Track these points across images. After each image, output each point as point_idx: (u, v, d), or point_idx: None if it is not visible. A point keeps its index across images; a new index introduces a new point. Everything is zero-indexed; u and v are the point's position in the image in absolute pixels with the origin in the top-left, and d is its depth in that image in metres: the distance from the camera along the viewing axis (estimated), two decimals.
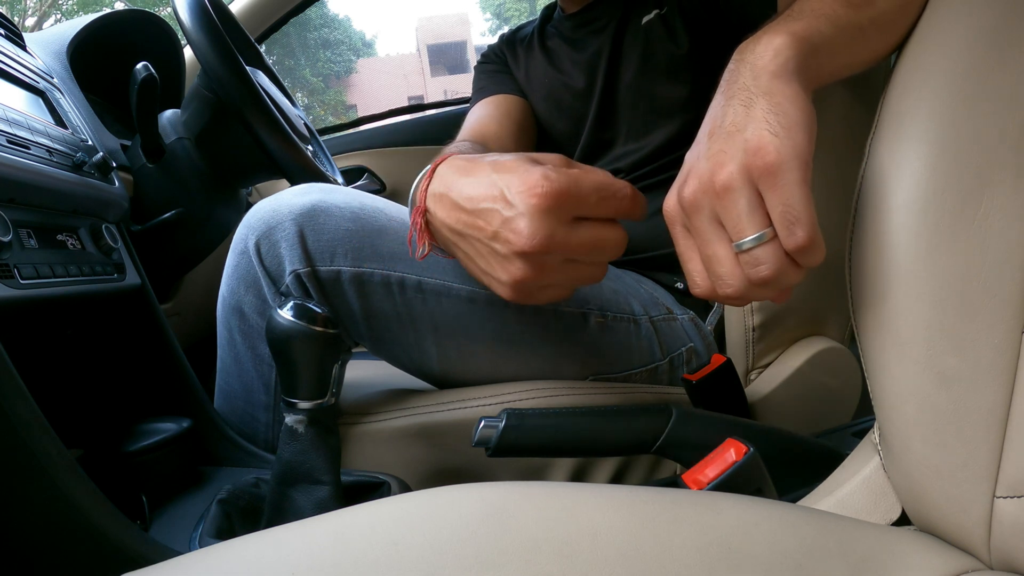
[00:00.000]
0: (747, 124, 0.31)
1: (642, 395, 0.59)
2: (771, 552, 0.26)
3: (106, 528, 0.43)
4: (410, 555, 0.24)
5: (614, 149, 0.73)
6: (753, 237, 0.30)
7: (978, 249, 0.29)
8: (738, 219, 0.31)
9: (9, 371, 0.42)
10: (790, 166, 0.29)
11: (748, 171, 0.30)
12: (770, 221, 0.30)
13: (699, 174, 0.33)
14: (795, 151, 0.30)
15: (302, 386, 0.46)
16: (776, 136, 0.30)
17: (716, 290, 0.34)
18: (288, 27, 1.31)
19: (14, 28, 0.74)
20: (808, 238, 0.29)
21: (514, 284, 0.39)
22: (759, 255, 0.30)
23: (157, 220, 0.78)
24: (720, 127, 0.33)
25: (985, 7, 0.32)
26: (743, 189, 0.31)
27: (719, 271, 0.33)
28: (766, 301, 0.53)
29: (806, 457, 0.49)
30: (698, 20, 0.67)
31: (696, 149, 0.35)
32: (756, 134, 0.31)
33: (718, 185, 0.31)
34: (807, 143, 0.30)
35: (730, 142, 0.32)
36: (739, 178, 0.31)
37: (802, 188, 0.29)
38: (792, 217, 0.29)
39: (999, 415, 0.29)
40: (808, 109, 0.31)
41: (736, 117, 0.32)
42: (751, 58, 0.34)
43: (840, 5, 0.37)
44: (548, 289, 0.41)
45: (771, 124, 0.30)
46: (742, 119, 0.32)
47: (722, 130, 0.33)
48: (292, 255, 0.52)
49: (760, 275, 0.31)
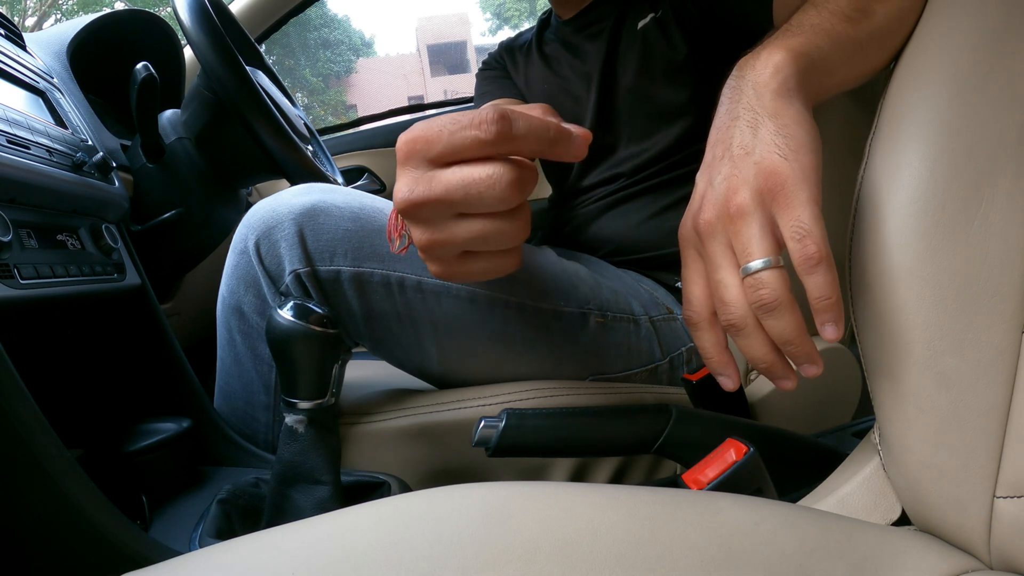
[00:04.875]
0: (755, 147, 0.32)
1: (642, 395, 0.59)
2: (771, 552, 0.26)
3: (106, 528, 0.43)
4: (410, 555, 0.24)
5: (615, 153, 0.73)
6: (760, 261, 0.31)
7: (978, 249, 0.29)
8: (748, 242, 0.31)
9: (9, 371, 0.42)
10: (800, 187, 0.30)
11: (761, 195, 0.31)
12: (779, 249, 0.31)
13: (714, 200, 0.33)
14: (804, 173, 0.30)
15: (302, 386, 0.46)
16: (785, 159, 0.31)
17: (719, 315, 0.34)
18: (288, 27, 1.31)
19: (14, 28, 0.74)
20: (818, 250, 0.29)
21: (423, 253, 0.35)
22: (763, 278, 0.31)
23: (157, 220, 0.78)
24: (729, 150, 0.33)
25: (984, 8, 0.32)
26: (756, 213, 0.31)
27: (724, 296, 0.33)
28: None
29: (806, 457, 0.49)
30: (694, 24, 0.67)
31: (707, 173, 0.35)
32: (766, 157, 0.31)
33: (732, 209, 0.32)
34: (815, 164, 0.31)
35: (741, 166, 0.32)
36: (752, 202, 0.31)
37: (812, 207, 0.30)
38: (803, 231, 0.30)
39: (999, 415, 0.29)
40: (813, 129, 0.32)
41: (744, 139, 0.33)
42: (752, 75, 0.34)
43: (838, 20, 0.37)
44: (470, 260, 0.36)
45: (779, 147, 0.31)
46: (750, 141, 0.32)
47: (731, 153, 0.33)
48: (292, 255, 0.52)
49: (762, 298, 0.31)
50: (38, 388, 0.44)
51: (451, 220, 0.33)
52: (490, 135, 0.30)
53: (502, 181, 0.31)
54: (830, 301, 0.30)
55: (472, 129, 0.31)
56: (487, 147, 0.31)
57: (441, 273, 0.36)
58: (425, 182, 0.32)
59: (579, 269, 0.61)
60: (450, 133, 0.31)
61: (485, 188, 0.31)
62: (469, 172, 0.31)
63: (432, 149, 0.32)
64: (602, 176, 0.74)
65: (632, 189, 0.72)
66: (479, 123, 0.31)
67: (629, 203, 0.72)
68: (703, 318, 0.36)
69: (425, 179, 0.32)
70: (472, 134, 0.31)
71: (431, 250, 0.35)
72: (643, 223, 0.71)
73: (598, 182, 0.74)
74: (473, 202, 0.32)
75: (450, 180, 0.32)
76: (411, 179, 0.32)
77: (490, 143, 0.31)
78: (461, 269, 0.36)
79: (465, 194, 0.31)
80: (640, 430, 0.45)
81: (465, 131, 0.31)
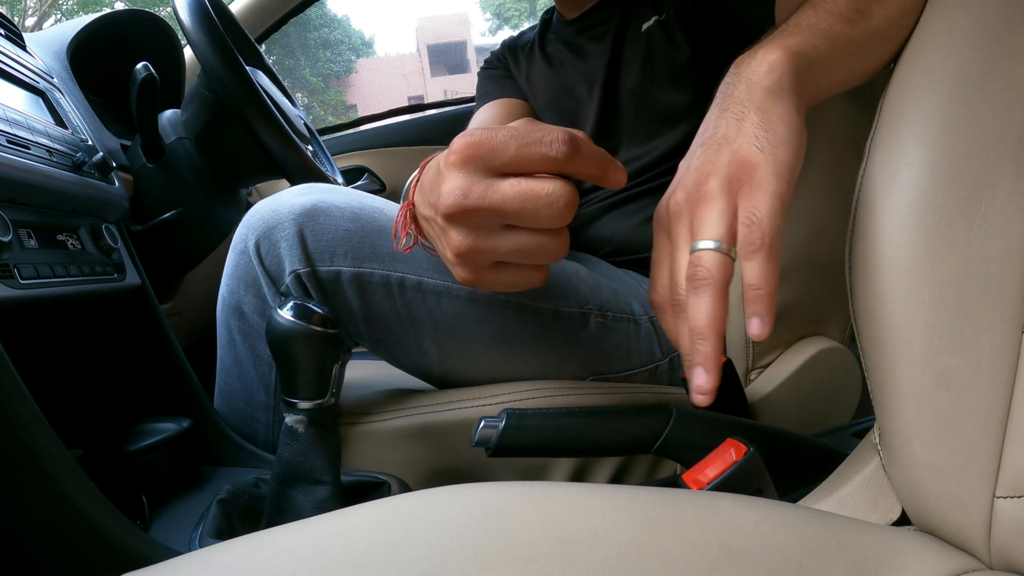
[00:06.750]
0: (736, 137, 0.32)
1: (642, 395, 0.59)
2: (771, 552, 0.26)
3: (106, 528, 0.43)
4: (410, 555, 0.24)
5: (617, 155, 0.73)
6: (709, 242, 0.31)
7: (978, 249, 0.29)
8: (703, 222, 0.31)
9: (9, 371, 0.42)
10: (769, 180, 0.30)
11: (730, 182, 0.31)
12: (733, 238, 0.31)
13: (686, 184, 0.33)
14: (777, 168, 0.30)
15: (302, 386, 0.46)
16: (762, 151, 0.31)
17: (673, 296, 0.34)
18: (288, 27, 1.31)
19: (14, 28, 0.74)
20: (762, 238, 0.29)
21: (457, 258, 0.35)
22: (703, 256, 0.30)
23: (157, 220, 0.78)
24: (712, 138, 0.34)
25: (984, 8, 0.32)
26: (720, 199, 0.31)
27: (677, 276, 0.33)
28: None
29: (806, 457, 0.49)
30: (697, 27, 0.67)
31: (687, 159, 0.35)
32: (744, 148, 0.32)
33: (700, 193, 0.32)
34: (791, 162, 0.31)
35: (718, 153, 0.32)
36: (719, 188, 0.31)
37: (774, 201, 0.30)
38: (755, 219, 0.30)
39: (999, 415, 0.29)
40: (798, 129, 0.32)
41: (727, 130, 0.33)
42: (747, 72, 0.35)
43: (836, 20, 0.37)
44: (502, 271, 0.36)
45: (759, 139, 0.31)
46: (733, 132, 0.33)
47: (712, 141, 0.33)
48: (292, 255, 0.52)
49: (695, 274, 0.30)
50: (38, 388, 0.44)
51: (496, 230, 0.34)
52: (560, 154, 0.31)
53: (561, 200, 0.32)
54: (761, 292, 0.29)
55: (542, 146, 0.31)
56: (553, 165, 0.32)
57: (469, 280, 0.36)
58: (481, 188, 0.32)
59: (579, 269, 0.61)
60: (519, 145, 0.32)
61: (544, 205, 0.32)
62: (530, 186, 0.32)
63: (496, 158, 0.32)
64: None
65: (634, 191, 0.72)
66: (550, 141, 0.31)
67: (630, 204, 0.72)
68: (664, 299, 0.35)
69: (482, 186, 0.32)
70: (542, 151, 0.31)
71: (468, 256, 0.35)
72: (644, 224, 0.71)
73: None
74: (528, 216, 0.32)
75: (508, 191, 0.32)
76: (465, 183, 0.32)
77: (558, 161, 0.31)
78: (491, 278, 0.36)
79: (522, 208, 0.32)
80: (640, 430, 0.45)
81: (534, 147, 0.31)
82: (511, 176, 0.32)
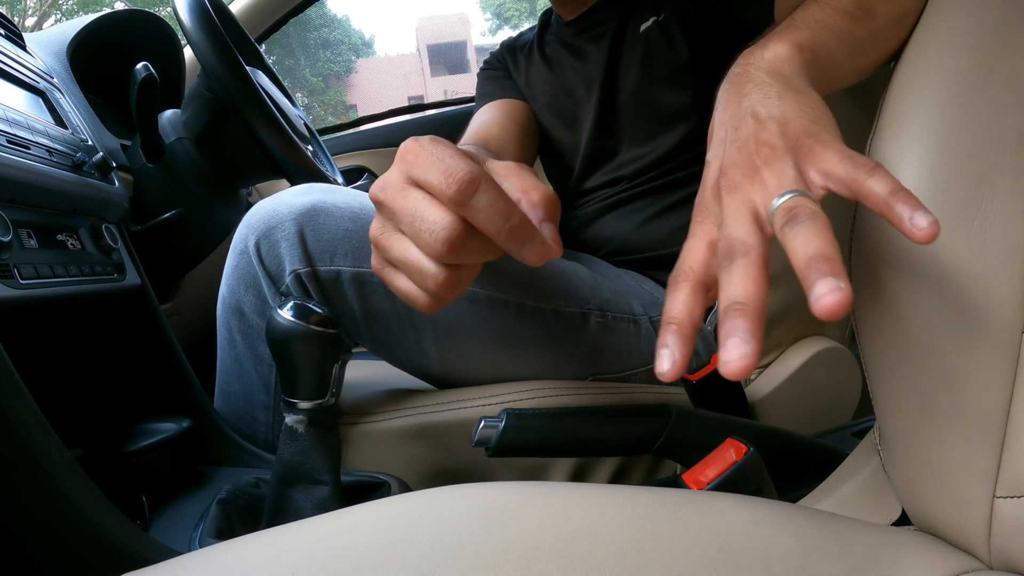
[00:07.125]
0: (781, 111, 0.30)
1: (642, 395, 0.59)
2: (771, 552, 0.26)
3: (106, 528, 0.43)
4: (410, 555, 0.24)
5: (617, 156, 0.73)
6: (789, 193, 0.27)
7: (978, 249, 0.29)
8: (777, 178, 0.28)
9: (9, 371, 0.42)
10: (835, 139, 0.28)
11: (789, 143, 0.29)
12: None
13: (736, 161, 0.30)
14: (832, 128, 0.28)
15: (302, 386, 0.46)
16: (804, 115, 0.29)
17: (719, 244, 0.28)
18: (288, 27, 1.31)
19: (14, 28, 0.74)
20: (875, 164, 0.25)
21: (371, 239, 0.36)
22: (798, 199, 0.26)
23: (157, 220, 0.78)
24: (748, 117, 0.31)
25: (984, 8, 0.32)
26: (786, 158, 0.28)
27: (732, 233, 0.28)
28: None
29: (806, 457, 0.49)
30: (696, 28, 0.67)
31: (719, 148, 0.32)
32: (794, 120, 0.29)
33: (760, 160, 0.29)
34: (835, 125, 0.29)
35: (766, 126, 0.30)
36: (782, 149, 0.29)
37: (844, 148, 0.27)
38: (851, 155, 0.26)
39: (999, 415, 0.29)
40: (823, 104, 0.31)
41: (769, 108, 0.31)
42: (760, 63, 0.34)
43: (841, 17, 0.37)
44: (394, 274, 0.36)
45: (808, 115, 0.29)
46: (775, 108, 0.30)
47: (753, 118, 0.31)
48: (292, 255, 0.52)
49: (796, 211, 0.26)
50: (38, 388, 0.44)
51: (396, 231, 0.34)
52: (448, 190, 0.30)
53: (441, 232, 0.31)
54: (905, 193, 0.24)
55: (443, 174, 0.31)
56: (442, 197, 0.31)
57: (374, 268, 0.37)
58: (395, 188, 0.33)
59: (579, 269, 0.61)
60: (430, 164, 0.31)
61: (425, 229, 0.31)
62: (424, 206, 0.32)
63: (411, 168, 0.32)
64: (604, 179, 0.74)
65: (634, 191, 0.72)
66: (451, 172, 0.30)
67: (630, 204, 0.72)
68: (693, 275, 0.30)
69: (398, 186, 0.33)
70: (439, 178, 0.31)
71: (375, 245, 0.36)
72: (644, 224, 0.71)
73: (599, 184, 0.74)
74: (411, 233, 0.32)
75: (407, 202, 0.32)
76: (392, 179, 0.33)
77: (445, 196, 0.31)
78: (386, 275, 0.37)
79: (410, 222, 0.32)
80: (640, 430, 0.45)
81: (437, 172, 0.31)
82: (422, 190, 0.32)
